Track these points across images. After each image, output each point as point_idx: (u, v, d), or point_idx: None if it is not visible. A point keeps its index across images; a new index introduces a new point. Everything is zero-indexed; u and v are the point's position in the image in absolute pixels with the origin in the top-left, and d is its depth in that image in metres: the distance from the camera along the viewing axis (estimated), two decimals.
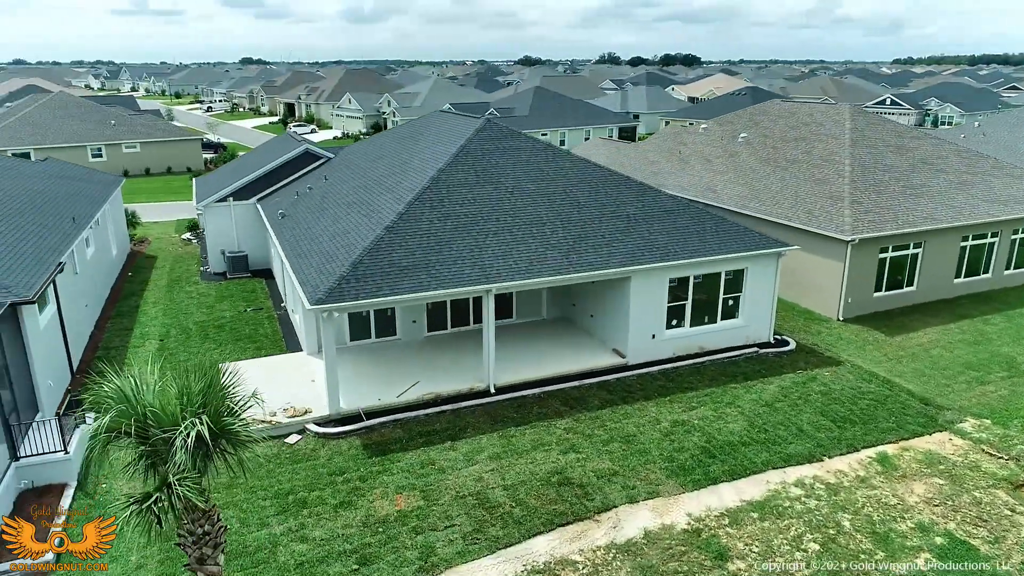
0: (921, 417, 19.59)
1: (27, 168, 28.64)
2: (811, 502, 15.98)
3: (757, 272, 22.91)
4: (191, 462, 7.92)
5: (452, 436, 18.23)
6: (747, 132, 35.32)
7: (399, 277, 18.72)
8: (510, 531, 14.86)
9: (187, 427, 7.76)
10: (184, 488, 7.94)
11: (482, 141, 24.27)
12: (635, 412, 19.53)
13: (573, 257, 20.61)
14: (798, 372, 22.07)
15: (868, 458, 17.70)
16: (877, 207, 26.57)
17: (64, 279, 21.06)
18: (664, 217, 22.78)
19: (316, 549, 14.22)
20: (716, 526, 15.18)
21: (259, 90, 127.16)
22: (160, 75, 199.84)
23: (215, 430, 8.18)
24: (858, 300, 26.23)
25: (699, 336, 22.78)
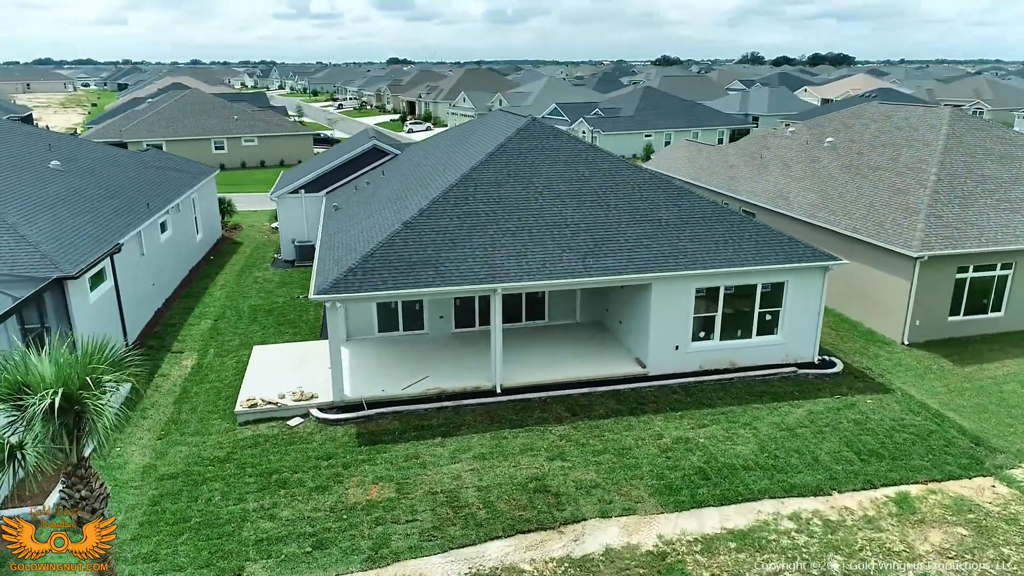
0: (965, 458, 17.46)
1: (125, 158, 31.69)
2: (801, 538, 14.69)
3: (799, 286, 21.28)
4: (51, 430, 8.51)
5: (445, 433, 18.33)
6: (835, 136, 32.80)
7: (406, 272, 19.05)
8: (469, 532, 14.76)
9: (41, 398, 8.37)
10: (32, 452, 8.56)
11: (522, 140, 24.14)
12: (639, 425, 18.75)
13: (590, 261, 20.08)
14: (836, 397, 20.30)
15: (885, 497, 16.01)
16: (960, 221, 23.87)
17: (126, 259, 23.16)
18: (699, 223, 21.66)
19: (279, 528, 14.80)
20: (686, 552, 14.32)
21: (386, 89, 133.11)
22: (304, 74, 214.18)
23: (73, 402, 8.74)
24: (928, 323, 23.69)
25: (730, 351, 21.48)
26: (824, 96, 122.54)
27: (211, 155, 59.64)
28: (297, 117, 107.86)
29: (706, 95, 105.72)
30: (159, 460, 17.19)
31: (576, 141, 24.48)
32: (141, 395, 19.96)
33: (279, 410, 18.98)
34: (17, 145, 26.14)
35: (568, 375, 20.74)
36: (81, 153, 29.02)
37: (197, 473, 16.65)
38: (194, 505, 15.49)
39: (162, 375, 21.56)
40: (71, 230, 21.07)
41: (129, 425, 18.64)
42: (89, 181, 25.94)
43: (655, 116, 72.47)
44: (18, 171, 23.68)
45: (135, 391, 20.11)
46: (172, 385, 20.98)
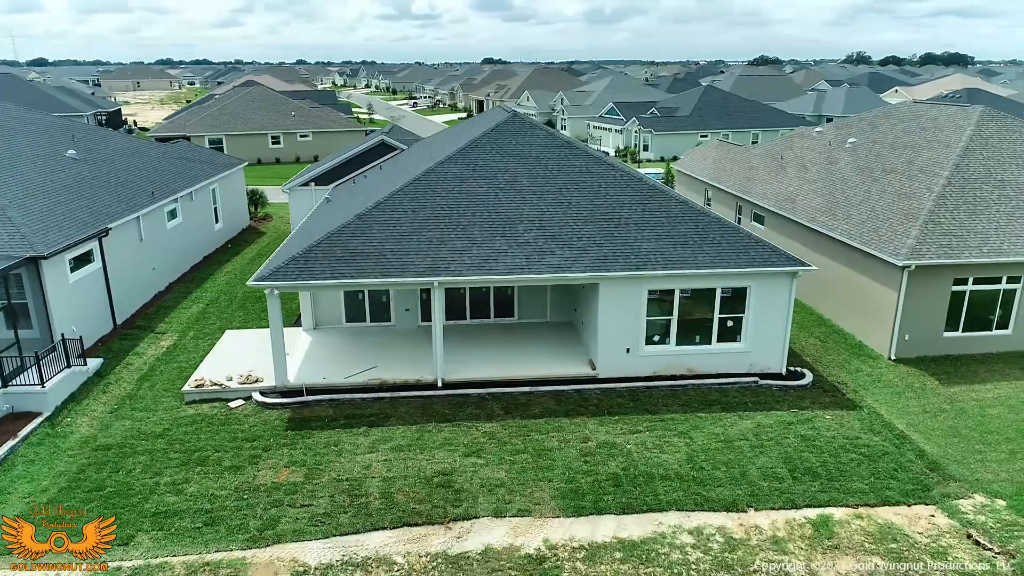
0: (912, 483, 16.11)
1: (150, 149, 33.58)
2: (694, 554, 13.98)
3: (764, 292, 20.18)
4: None
5: (373, 423, 18.48)
6: (860, 137, 30.87)
7: (347, 263, 19.33)
8: (357, 521, 14.84)
9: None
10: None
11: (497, 136, 23.99)
12: (569, 427, 18.30)
13: (535, 258, 19.75)
14: (793, 411, 19.14)
15: (804, 519, 14.99)
16: (962, 229, 21.99)
17: (120, 244, 24.58)
18: (662, 223, 20.90)
19: (181, 503, 15.34)
20: (567, 558, 13.89)
21: (458, 87, 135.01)
22: (388, 74, 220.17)
23: None
24: (919, 338, 21.94)
25: (687, 357, 20.62)
26: (914, 97, 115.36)
27: (267, 149, 62.28)
28: (368, 114, 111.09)
29: (783, 95, 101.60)
30: (101, 432, 18.16)
31: (553, 138, 24.10)
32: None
33: (224, 392, 19.67)
34: (41, 135, 28.17)
35: (516, 373, 20.48)
36: (106, 144, 30.97)
37: (130, 446, 17.49)
38: (114, 476, 16.29)
39: (137, 354, 22.77)
40: (62, 214, 22.54)
41: (88, 398, 19.80)
42: (101, 170, 27.65)
43: (713, 116, 70.22)
44: (32, 159, 25.53)
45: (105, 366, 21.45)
46: (142, 364, 22.11)
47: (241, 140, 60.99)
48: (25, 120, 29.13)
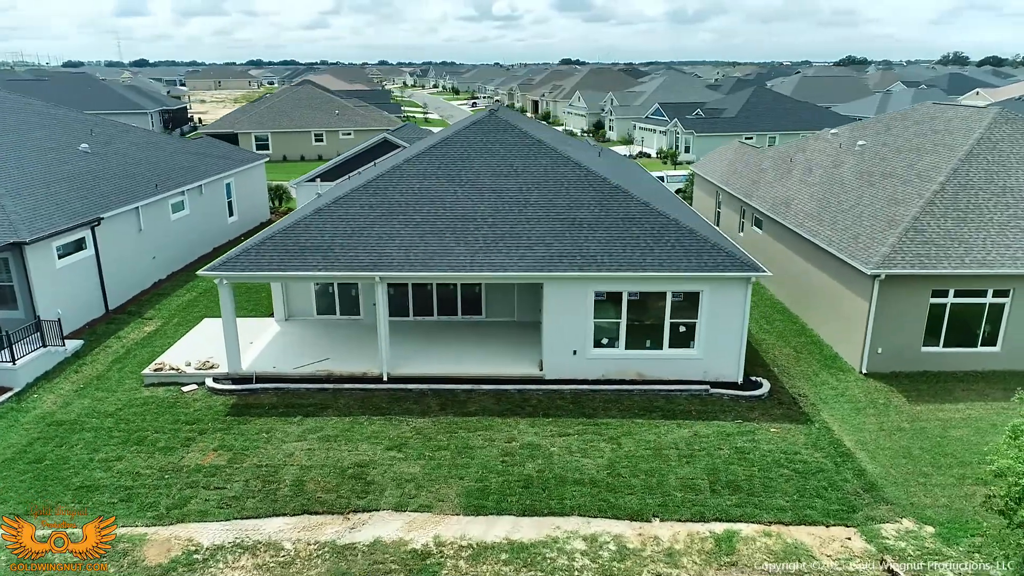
0: (838, 504, 15.28)
1: (169, 144, 35.21)
2: (581, 561, 13.70)
3: (717, 298, 19.50)
4: None
5: (310, 412, 18.87)
6: (872, 139, 29.37)
7: (295, 256, 19.81)
8: (261, 506, 15.22)
9: None
10: None
11: (470, 134, 24.12)
12: (501, 426, 18.20)
13: (481, 256, 19.72)
14: (738, 422, 18.43)
15: (709, 532, 14.46)
16: (947, 238, 20.64)
17: (116, 233, 25.93)
18: (618, 224, 20.50)
19: (107, 479, 16.09)
20: (451, 556, 13.87)
21: (516, 88, 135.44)
22: (455, 74, 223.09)
23: None
24: (894, 352, 20.71)
25: (637, 361, 20.14)
26: (997, 99, 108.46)
27: (311, 146, 64.18)
28: (424, 113, 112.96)
29: (849, 97, 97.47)
30: (60, 409, 19.23)
31: (523, 136, 23.94)
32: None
33: (180, 376, 20.49)
34: (60, 129, 30.00)
35: (464, 371, 20.49)
36: (124, 138, 32.65)
37: (81, 424, 18.46)
38: (57, 450, 17.24)
39: (118, 337, 23.97)
40: (55, 204, 23.96)
41: (60, 377, 21.00)
42: (111, 163, 29.21)
43: (760, 118, 68.01)
44: (43, 152, 27.23)
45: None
46: (120, 347, 23.26)
47: (285, 137, 63.12)
48: (48, 115, 31.07)
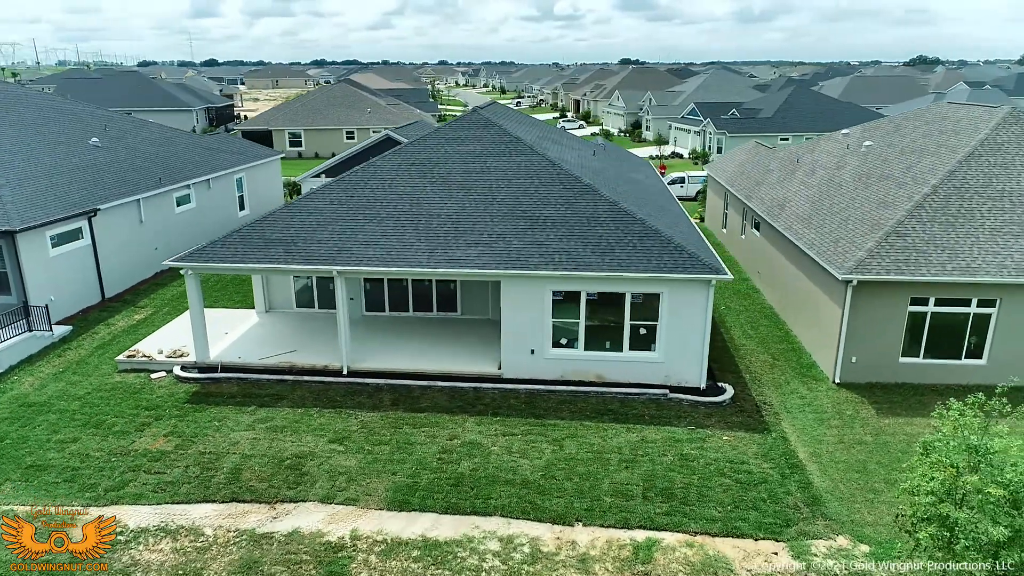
0: (774, 517, 14.68)
1: (181, 139, 36.24)
2: (491, 562, 13.53)
3: (678, 300, 18.97)
4: None
5: (264, 403, 19.17)
6: (879, 140, 28.16)
7: (259, 248, 20.15)
8: (194, 492, 15.53)
9: None
10: None
11: (449, 131, 24.15)
12: (447, 423, 18.12)
13: (439, 252, 19.68)
14: (690, 429, 17.89)
15: (629, 540, 14.08)
16: (931, 244, 19.59)
17: (116, 224, 26.91)
18: (581, 224, 20.16)
19: (58, 459, 16.67)
20: (364, 550, 13.88)
21: (560, 87, 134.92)
22: (505, 74, 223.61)
23: None
24: (870, 362, 19.77)
25: (597, 363, 19.77)
26: None
27: (342, 143, 65.23)
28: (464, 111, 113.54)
29: (900, 98, 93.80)
30: (35, 391, 20.03)
31: (501, 134, 23.79)
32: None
33: (150, 363, 21.09)
34: (73, 124, 31.26)
35: (424, 367, 20.50)
36: (137, 133, 33.83)
37: (49, 406, 19.19)
38: (20, 431, 17.94)
39: (107, 324, 24.84)
40: (54, 195, 24.99)
41: (42, 360, 21.89)
42: (118, 157, 30.29)
43: (796, 119, 65.96)
44: (53, 145, 28.44)
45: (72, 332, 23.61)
46: (107, 334, 24.10)
47: (317, 134, 64.41)
48: (66, 111, 32.44)
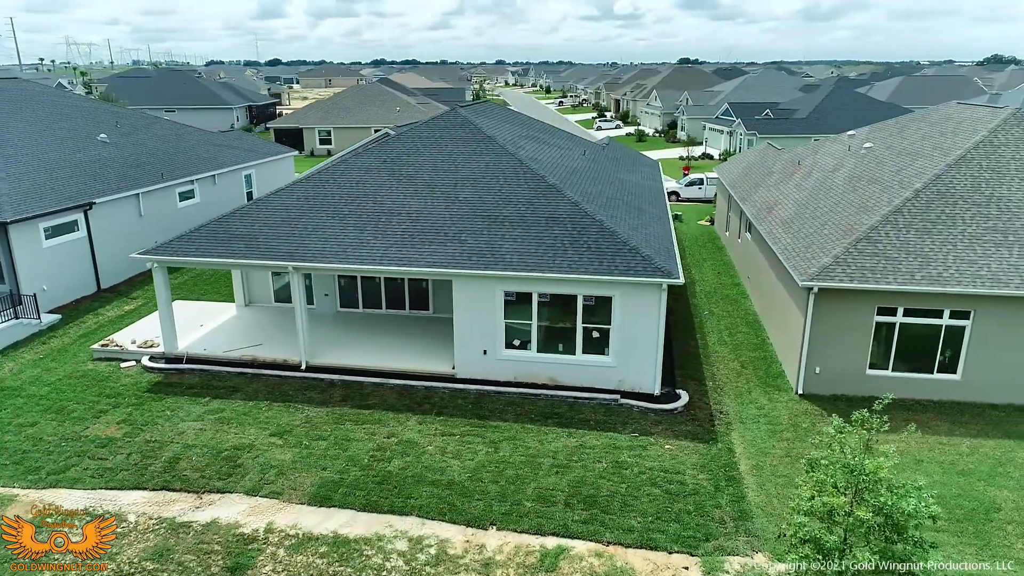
0: (695, 530, 14.21)
1: (192, 135, 37.25)
2: (396, 561, 13.49)
3: (629, 303, 18.54)
4: None
5: (220, 395, 19.54)
6: (881, 141, 26.99)
7: (221, 244, 20.55)
8: (129, 479, 15.94)
9: None
10: None
11: (424, 129, 24.23)
12: (389, 421, 18.14)
13: (393, 250, 19.71)
14: (634, 435, 17.47)
15: (540, 546, 13.84)
16: (903, 251, 18.63)
17: (113, 217, 27.86)
18: (539, 224, 19.91)
19: (12, 442, 17.33)
20: (275, 543, 14.01)
21: (602, 87, 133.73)
22: (553, 73, 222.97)
23: None
24: (835, 374, 18.94)
25: (549, 365, 19.48)
26: None
27: None
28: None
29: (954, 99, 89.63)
30: (11, 376, 20.87)
31: (476, 132, 23.70)
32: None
33: (123, 353, 21.75)
34: (85, 121, 32.48)
35: (381, 364, 20.56)
36: (148, 130, 34.94)
37: (20, 390, 19.96)
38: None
39: (96, 314, 25.74)
40: (51, 189, 26.03)
41: (26, 347, 22.82)
42: (124, 152, 31.36)
43: (832, 119, 63.69)
44: (61, 141, 29.63)
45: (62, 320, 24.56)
46: (94, 323, 24.96)
47: (346, 132, 65.38)
48: (81, 108, 33.77)
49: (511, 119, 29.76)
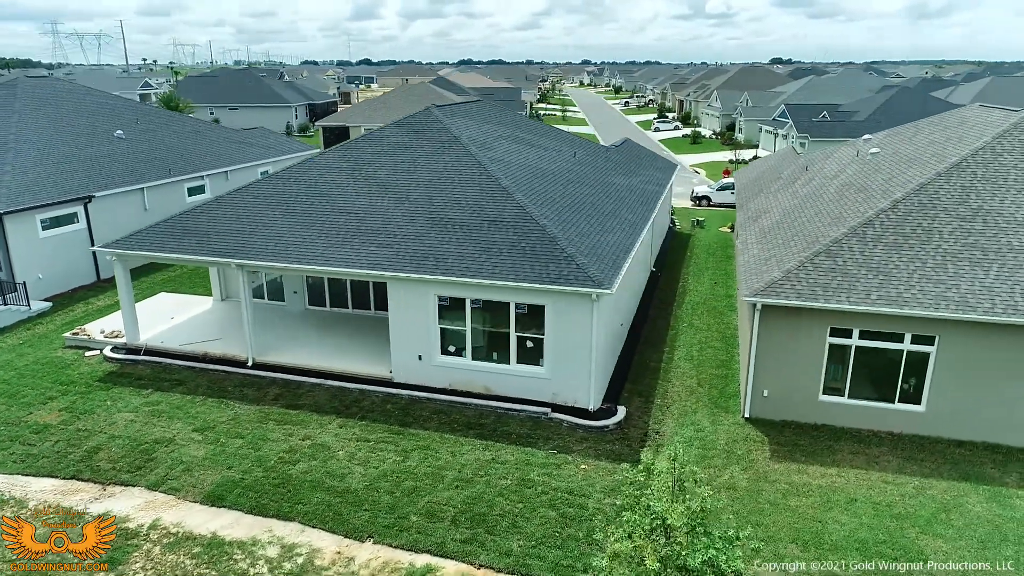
0: (575, 559, 13.42)
1: (211, 132, 38.40)
2: (260, 568, 13.31)
3: (563, 313, 17.69)
4: None
5: (163, 388, 19.85)
6: (890, 147, 24.97)
7: (176, 239, 20.92)
8: (46, 466, 16.38)
9: None
10: None
11: (395, 128, 24.07)
12: (311, 422, 17.99)
13: (333, 250, 19.53)
14: (552, 453, 16.65)
15: (408, 563, 13.36)
16: (866, 267, 17.01)
17: (116, 210, 28.97)
18: (483, 227, 19.31)
19: None
20: (154, 540, 14.08)
21: (668, 87, 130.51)
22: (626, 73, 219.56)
23: None
24: (783, 398, 17.50)
25: (484, 374, 18.86)
26: None
27: None
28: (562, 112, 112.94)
29: None
30: None
31: (443, 133, 23.28)
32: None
33: (90, 342, 22.51)
34: (105, 117, 33.96)
35: (320, 364, 20.46)
36: (169, 127, 36.25)
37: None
38: None
39: (87, 303, 26.79)
40: (53, 182, 27.28)
41: (11, 333, 23.96)
42: (139, 148, 32.61)
43: (892, 122, 59.56)
44: (75, 136, 31.07)
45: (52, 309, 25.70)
46: (82, 311, 25.97)
47: None
48: (104, 104, 35.36)
49: (497, 119, 29.18)
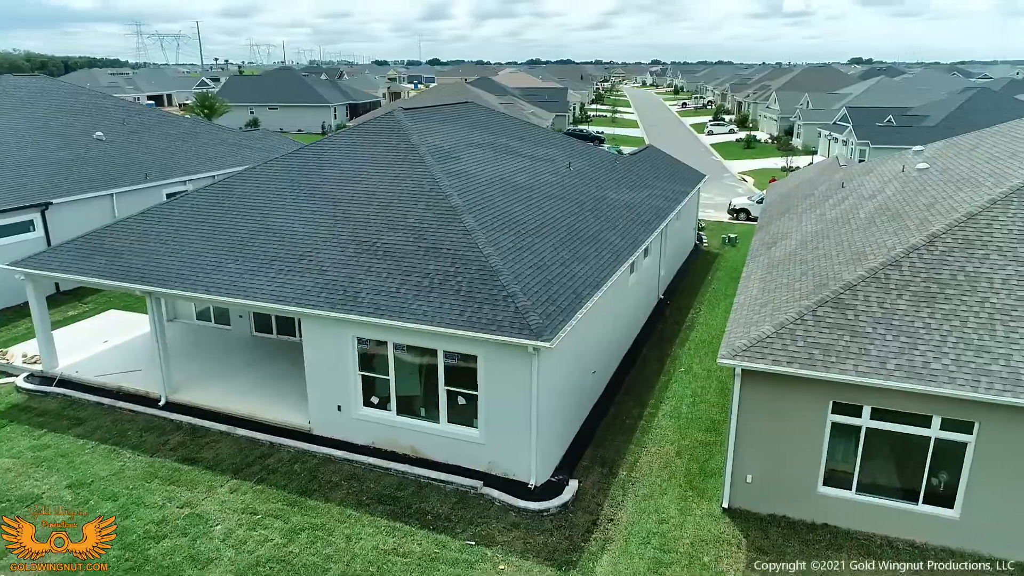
0: None
1: (206, 133, 36.47)
2: None
3: (498, 367, 14.35)
4: None
5: (59, 429, 17.44)
6: (943, 161, 20.60)
7: (87, 258, 18.57)
8: None
9: None
10: None
11: (352, 133, 21.33)
12: (200, 484, 15.20)
13: (245, 279, 16.71)
14: (469, 545, 13.35)
15: None
16: (883, 325, 13.06)
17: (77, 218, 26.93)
18: (418, 255, 16.13)
19: None
20: None
21: (728, 88, 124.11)
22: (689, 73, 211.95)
23: None
24: (772, 486, 13.70)
25: (410, 433, 15.70)
26: None
27: None
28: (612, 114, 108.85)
29: None
30: None
31: (401, 140, 20.21)
32: None
33: (9, 367, 20.43)
34: (88, 117, 32.33)
35: (237, 407, 17.70)
36: (156, 129, 34.42)
37: None
38: None
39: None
40: (9, 188, 25.54)
41: None
42: (117, 150, 30.82)
43: (968, 128, 53.42)
44: (49, 137, 29.47)
45: None
46: (25, 328, 23.98)
47: None
48: (90, 103, 33.80)
49: (482, 124, 25.92)
